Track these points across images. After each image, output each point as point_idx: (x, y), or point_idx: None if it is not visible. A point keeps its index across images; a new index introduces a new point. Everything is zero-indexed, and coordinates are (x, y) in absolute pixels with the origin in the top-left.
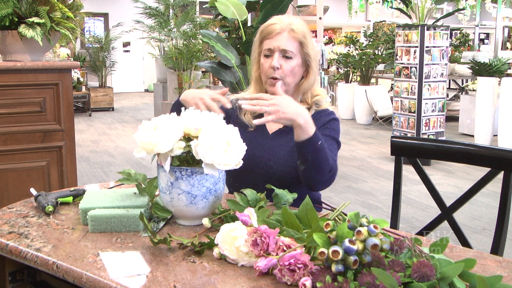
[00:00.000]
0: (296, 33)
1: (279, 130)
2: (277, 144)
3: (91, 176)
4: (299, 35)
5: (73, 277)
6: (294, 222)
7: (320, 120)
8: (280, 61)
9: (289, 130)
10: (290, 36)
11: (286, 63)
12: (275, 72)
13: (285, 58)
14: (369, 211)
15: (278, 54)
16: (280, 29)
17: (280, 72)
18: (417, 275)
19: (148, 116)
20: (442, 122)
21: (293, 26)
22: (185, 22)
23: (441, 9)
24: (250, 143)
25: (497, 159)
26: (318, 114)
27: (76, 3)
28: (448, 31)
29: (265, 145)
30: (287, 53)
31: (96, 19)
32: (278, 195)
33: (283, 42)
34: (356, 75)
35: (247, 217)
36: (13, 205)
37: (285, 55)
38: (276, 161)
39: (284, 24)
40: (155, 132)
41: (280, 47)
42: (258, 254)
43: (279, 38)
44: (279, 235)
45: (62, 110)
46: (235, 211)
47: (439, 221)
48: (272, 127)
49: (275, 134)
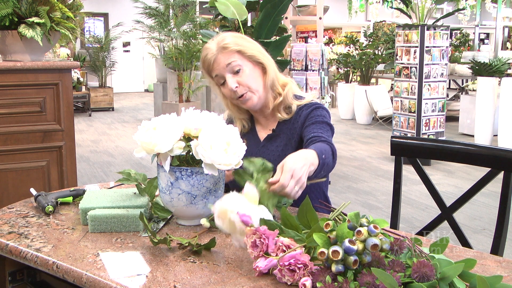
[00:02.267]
0: (228, 47)
1: (268, 136)
2: (267, 150)
3: (91, 176)
4: (232, 46)
5: (73, 277)
6: (294, 223)
7: (301, 116)
8: (234, 79)
9: (276, 134)
10: (225, 54)
11: (240, 77)
12: (236, 93)
13: (235, 74)
14: (369, 211)
15: (228, 74)
16: (213, 54)
17: (242, 88)
18: (417, 275)
19: (148, 116)
20: (442, 122)
21: (222, 43)
22: (185, 22)
23: (441, 9)
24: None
25: (497, 159)
26: (300, 109)
27: (76, 3)
28: (448, 31)
29: (257, 153)
30: (234, 67)
31: (96, 19)
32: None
33: (223, 61)
34: (356, 75)
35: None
36: (13, 205)
37: (233, 71)
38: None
39: (214, 47)
40: (155, 132)
41: (224, 67)
42: (257, 255)
43: (218, 61)
44: (278, 236)
45: (62, 110)
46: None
47: (439, 221)
48: (263, 134)
49: (265, 140)
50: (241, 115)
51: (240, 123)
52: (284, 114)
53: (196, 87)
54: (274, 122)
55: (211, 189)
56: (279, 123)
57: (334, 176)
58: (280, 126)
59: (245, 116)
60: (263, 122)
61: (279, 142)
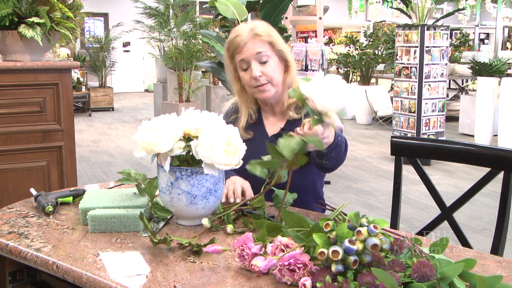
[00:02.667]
0: (261, 36)
1: (278, 133)
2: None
3: (91, 176)
4: (265, 36)
5: (73, 277)
6: (297, 220)
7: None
8: (259, 68)
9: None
10: (257, 41)
11: (265, 68)
12: (259, 80)
13: (262, 64)
14: (369, 211)
15: (254, 62)
16: (245, 38)
17: (264, 78)
18: (417, 275)
19: (148, 116)
20: (442, 122)
21: (255, 30)
22: (185, 22)
23: (441, 9)
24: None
25: (497, 159)
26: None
27: (76, 3)
28: (448, 31)
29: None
30: (262, 57)
31: (96, 19)
32: (278, 196)
33: (254, 48)
34: (356, 75)
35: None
36: (13, 205)
37: (261, 61)
38: None
39: (246, 32)
40: (155, 132)
41: (253, 54)
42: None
43: (249, 46)
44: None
45: (62, 110)
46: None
47: (439, 221)
48: (271, 130)
49: (274, 136)
50: (250, 103)
51: (247, 111)
52: (294, 114)
53: (196, 87)
54: (283, 120)
55: (211, 189)
56: (288, 121)
57: (334, 176)
58: (290, 125)
59: (253, 106)
60: (271, 118)
61: None
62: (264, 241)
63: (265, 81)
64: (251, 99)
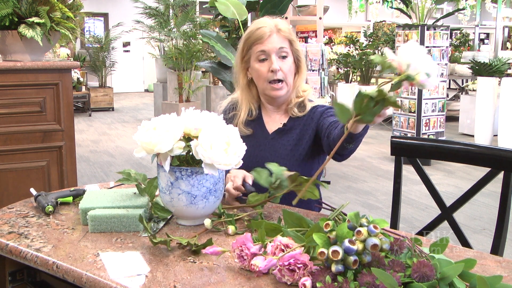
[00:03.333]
0: (284, 32)
1: (278, 130)
2: (278, 143)
3: (91, 176)
4: (287, 33)
5: (73, 277)
6: (297, 220)
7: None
8: (278, 62)
9: (288, 129)
10: (280, 36)
11: (283, 64)
12: (276, 74)
13: (281, 58)
14: (369, 211)
15: (274, 55)
16: (270, 31)
17: (281, 74)
18: (417, 275)
19: (148, 116)
20: (442, 122)
21: (279, 26)
22: (185, 22)
23: (441, 9)
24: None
25: (497, 159)
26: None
27: (76, 3)
28: (448, 31)
29: (266, 144)
30: (283, 52)
31: (96, 19)
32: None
33: (277, 42)
34: (356, 75)
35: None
36: (13, 205)
37: (280, 55)
38: (278, 160)
39: (271, 25)
40: (155, 132)
41: (276, 47)
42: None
43: (272, 39)
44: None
45: (62, 110)
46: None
47: (439, 221)
48: (272, 127)
49: (275, 133)
50: (252, 99)
51: (248, 107)
52: (297, 111)
53: (196, 87)
54: (285, 117)
55: (211, 189)
56: (291, 118)
57: (334, 176)
58: (292, 122)
59: (255, 102)
60: (273, 115)
61: (290, 136)
62: (263, 242)
63: (281, 77)
64: (254, 95)
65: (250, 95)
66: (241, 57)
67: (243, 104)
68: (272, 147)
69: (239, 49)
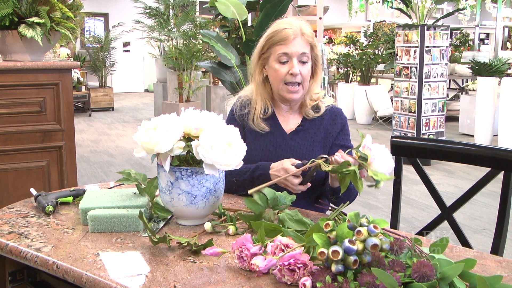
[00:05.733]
0: (307, 36)
1: (295, 130)
2: (296, 143)
3: (91, 176)
4: (310, 38)
5: (73, 277)
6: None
7: (336, 121)
8: (298, 66)
9: (304, 128)
10: (303, 40)
11: (303, 68)
12: (295, 78)
13: (301, 63)
14: (369, 211)
15: (296, 59)
16: (294, 33)
17: (299, 77)
18: (417, 275)
19: (148, 116)
20: (442, 122)
21: (304, 30)
22: (185, 22)
23: (441, 9)
24: (270, 144)
25: (497, 159)
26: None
27: (76, 3)
28: (448, 31)
29: (285, 145)
30: (304, 57)
31: (96, 19)
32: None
33: (300, 46)
34: (356, 75)
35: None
36: (13, 205)
37: (301, 60)
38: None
39: (296, 28)
40: (155, 132)
41: (298, 52)
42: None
43: (296, 43)
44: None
45: (62, 110)
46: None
47: (439, 221)
48: (288, 126)
49: (293, 133)
50: (267, 96)
51: (263, 104)
52: (313, 113)
53: (196, 87)
54: (299, 117)
55: (211, 189)
56: (304, 118)
57: None
58: (307, 122)
59: (270, 99)
60: (287, 115)
61: (305, 136)
62: (263, 242)
63: (299, 81)
64: (269, 92)
65: (265, 92)
66: (260, 53)
67: (258, 100)
68: (290, 147)
69: (259, 45)
